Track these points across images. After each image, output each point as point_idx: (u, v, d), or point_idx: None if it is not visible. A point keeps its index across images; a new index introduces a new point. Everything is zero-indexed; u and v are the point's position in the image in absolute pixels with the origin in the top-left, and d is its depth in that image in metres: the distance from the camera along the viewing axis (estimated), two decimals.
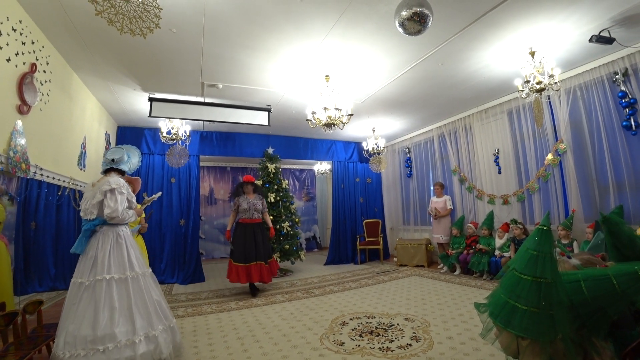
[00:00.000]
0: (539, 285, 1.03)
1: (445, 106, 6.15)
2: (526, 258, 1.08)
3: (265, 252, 5.09)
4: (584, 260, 1.34)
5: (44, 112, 3.52)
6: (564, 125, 4.82)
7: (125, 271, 2.49)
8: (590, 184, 4.60)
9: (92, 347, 2.16)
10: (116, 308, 2.34)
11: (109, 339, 2.22)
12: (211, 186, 9.90)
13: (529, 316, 1.02)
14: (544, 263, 1.04)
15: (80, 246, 2.46)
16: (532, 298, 1.03)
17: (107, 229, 2.56)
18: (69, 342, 2.14)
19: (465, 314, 3.69)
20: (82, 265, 2.45)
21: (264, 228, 5.26)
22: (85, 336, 2.17)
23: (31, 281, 3.57)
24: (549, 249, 1.05)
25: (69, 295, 2.37)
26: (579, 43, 3.94)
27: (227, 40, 3.67)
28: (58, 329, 2.31)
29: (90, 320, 2.24)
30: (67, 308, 2.33)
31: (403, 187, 8.48)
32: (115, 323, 2.29)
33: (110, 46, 3.70)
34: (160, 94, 5.07)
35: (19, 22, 2.97)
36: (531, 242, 1.10)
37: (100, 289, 2.34)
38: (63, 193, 4.02)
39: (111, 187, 2.54)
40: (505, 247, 5.36)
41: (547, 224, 1.10)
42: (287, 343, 3.09)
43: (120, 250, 2.54)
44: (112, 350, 2.21)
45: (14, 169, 2.88)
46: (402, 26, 3.00)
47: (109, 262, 2.44)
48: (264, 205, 5.28)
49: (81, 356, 2.13)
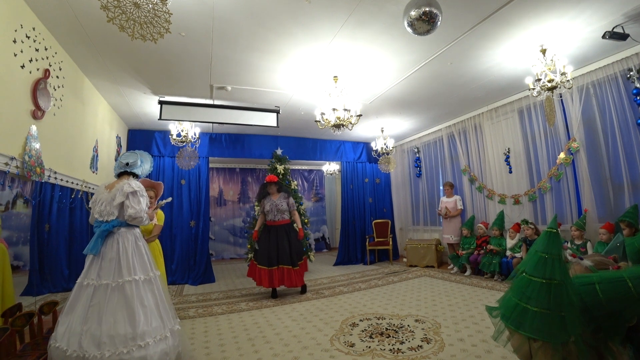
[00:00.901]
0: (549, 287, 1.02)
1: (455, 105, 6.09)
2: (535, 260, 1.08)
3: (293, 256, 4.89)
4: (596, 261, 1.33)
5: (58, 117, 3.59)
6: (576, 124, 4.74)
7: (149, 272, 2.58)
8: (604, 183, 4.51)
9: (133, 344, 2.25)
10: (147, 307, 2.43)
11: (148, 335, 2.32)
12: (220, 187, 9.97)
13: (540, 318, 1.02)
14: (553, 265, 1.04)
15: (95, 247, 2.47)
16: (542, 299, 1.03)
17: (126, 231, 2.59)
18: (105, 342, 2.20)
19: (476, 315, 3.65)
20: (98, 266, 2.44)
21: (291, 230, 5.06)
22: (125, 334, 2.25)
23: (46, 282, 3.64)
24: (558, 251, 1.05)
25: (82, 297, 2.36)
26: (592, 39, 3.87)
27: (236, 43, 3.70)
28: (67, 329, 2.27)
29: (126, 319, 2.32)
30: (84, 309, 2.31)
31: (412, 187, 8.43)
32: (149, 320, 2.39)
33: (121, 51, 3.75)
34: (170, 96, 5.12)
35: (33, 29, 3.02)
36: (540, 245, 1.10)
37: (131, 289, 2.40)
38: (76, 196, 4.08)
39: (134, 189, 2.59)
40: (517, 247, 5.29)
41: (554, 226, 1.10)
42: (298, 344, 3.10)
43: (140, 251, 2.62)
44: (151, 345, 2.31)
45: (29, 173, 2.94)
46: (411, 26, 2.98)
47: (133, 264, 2.50)
48: (290, 204, 5.08)
49: (124, 353, 2.20)
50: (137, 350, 2.24)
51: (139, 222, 2.61)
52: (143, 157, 2.91)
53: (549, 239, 1.08)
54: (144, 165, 2.88)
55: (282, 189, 5.18)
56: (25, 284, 3.39)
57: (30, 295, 3.31)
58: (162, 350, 2.35)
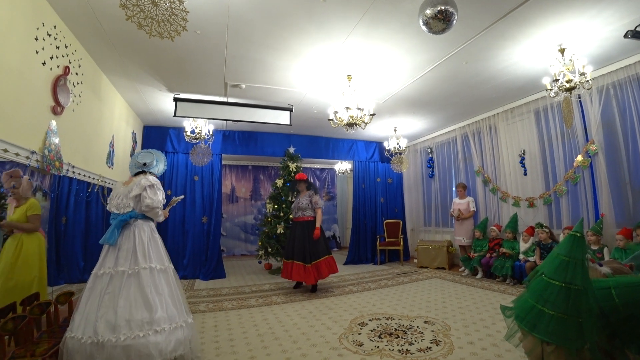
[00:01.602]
0: (568, 291, 1.01)
1: (469, 106, 6.01)
2: (556, 263, 1.07)
3: (308, 253, 4.91)
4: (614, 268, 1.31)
5: (76, 113, 3.68)
6: (595, 126, 4.62)
7: (164, 262, 2.64)
8: (622, 187, 4.39)
9: (149, 328, 2.29)
10: (162, 294, 2.49)
11: (164, 321, 2.36)
12: (233, 184, 10.07)
13: (556, 321, 1.01)
14: (575, 269, 1.02)
15: (112, 237, 2.54)
16: (560, 303, 1.01)
17: (142, 223, 2.68)
18: (120, 325, 2.23)
19: (487, 318, 3.61)
20: (115, 256, 2.51)
21: (310, 227, 5.09)
22: (141, 319, 2.29)
23: (62, 273, 3.74)
24: (581, 256, 1.03)
25: (98, 286, 2.41)
26: (613, 39, 3.77)
27: (250, 41, 3.72)
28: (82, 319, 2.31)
29: (142, 304, 2.36)
30: (100, 297, 2.36)
31: (425, 188, 8.36)
32: (164, 307, 2.44)
33: (138, 49, 3.82)
34: (185, 94, 5.20)
35: (54, 27, 3.11)
36: (562, 248, 1.08)
37: (146, 276, 2.46)
38: (92, 190, 4.18)
39: (151, 182, 2.71)
40: (530, 251, 5.19)
41: (580, 230, 1.08)
42: (307, 342, 3.11)
43: (156, 243, 2.70)
44: (167, 332, 2.35)
45: (49, 167, 3.02)
46: (427, 25, 2.95)
47: (149, 253, 2.58)
48: (313, 202, 5.16)
49: (140, 337, 2.23)
50: (154, 335, 2.28)
51: (155, 214, 2.71)
52: (158, 157, 3.01)
53: (573, 243, 1.06)
54: (159, 165, 2.98)
55: (310, 187, 5.35)
56: None
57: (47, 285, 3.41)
58: (177, 339, 2.39)
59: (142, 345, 2.21)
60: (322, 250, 5.04)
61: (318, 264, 4.93)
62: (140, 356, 2.19)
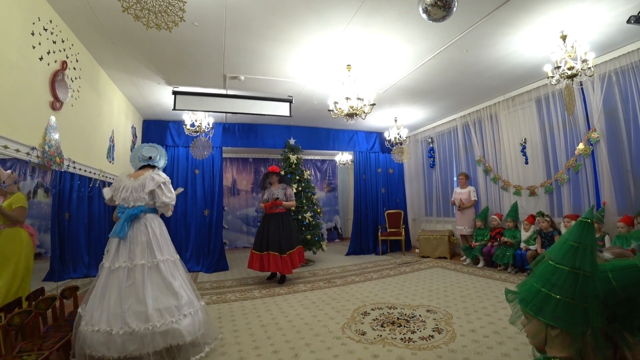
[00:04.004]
0: (576, 277, 1.02)
1: (470, 94, 5.97)
2: (565, 249, 1.08)
3: (283, 243, 5.06)
4: (615, 254, 1.31)
5: (75, 108, 3.66)
6: (597, 113, 4.58)
7: (174, 254, 2.81)
8: (624, 175, 4.38)
9: (179, 314, 2.51)
10: (181, 283, 2.70)
11: (187, 306, 2.60)
12: (234, 177, 10.07)
13: (563, 306, 1.02)
14: (584, 255, 1.03)
15: (122, 231, 2.58)
16: (568, 288, 1.03)
17: (153, 217, 2.80)
18: (152, 314, 2.40)
19: (488, 307, 3.64)
20: (127, 249, 2.59)
21: (285, 219, 5.24)
22: (170, 306, 2.50)
23: (67, 268, 3.77)
24: (590, 242, 1.04)
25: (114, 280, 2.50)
26: (616, 25, 3.72)
27: (249, 32, 3.69)
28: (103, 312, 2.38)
29: (168, 293, 2.56)
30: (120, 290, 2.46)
31: (426, 178, 8.35)
32: (185, 294, 2.64)
33: (135, 42, 3.79)
34: (184, 87, 5.17)
35: (50, 21, 3.07)
36: (572, 234, 1.09)
37: (166, 268, 2.64)
38: (94, 185, 4.19)
39: (165, 180, 2.84)
40: (531, 239, 5.21)
41: (590, 217, 1.09)
42: (310, 331, 3.15)
43: (165, 236, 2.82)
44: (192, 315, 2.60)
45: (49, 163, 3.02)
46: (426, 12, 2.92)
47: (162, 247, 2.72)
48: (287, 195, 5.27)
49: (173, 322, 2.45)
50: (183, 319, 2.50)
51: (167, 210, 2.85)
52: (161, 152, 3.09)
53: (582, 229, 1.07)
54: (161, 160, 3.06)
55: (282, 180, 5.43)
56: (47, 270, 3.52)
57: (52, 280, 3.45)
58: (200, 321, 2.65)
59: (176, 330, 2.44)
60: (296, 241, 5.27)
61: (292, 254, 5.13)
62: (175, 338, 2.44)
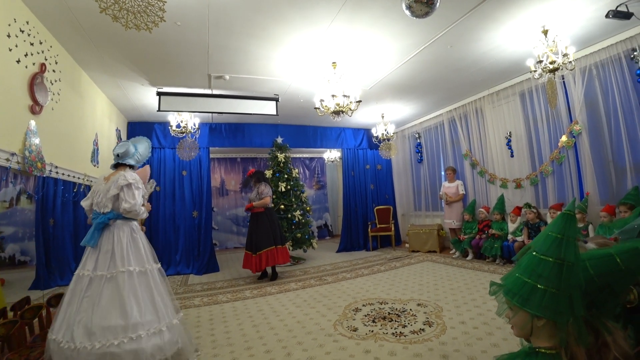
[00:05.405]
0: (560, 267, 1.05)
1: (456, 89, 6.03)
2: (549, 241, 1.11)
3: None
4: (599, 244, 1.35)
5: (56, 111, 3.58)
6: (578, 106, 4.68)
7: (144, 264, 2.53)
8: (606, 165, 4.49)
9: (124, 336, 2.21)
10: (140, 298, 2.39)
11: (140, 327, 2.27)
12: (222, 177, 9.99)
13: (549, 296, 1.05)
14: (568, 246, 1.07)
15: (93, 239, 2.46)
16: (552, 278, 1.06)
17: (122, 224, 2.58)
18: (95, 332, 2.17)
19: (478, 298, 3.69)
20: (95, 258, 2.44)
21: (262, 219, 5.32)
22: (116, 326, 2.22)
23: (53, 276, 3.69)
24: (573, 234, 1.08)
25: (78, 288, 2.35)
26: (595, 19, 3.79)
27: (232, 31, 3.65)
28: (64, 321, 2.27)
29: (118, 310, 2.28)
30: (79, 300, 2.30)
31: (414, 173, 8.42)
32: (142, 313, 2.34)
33: (116, 43, 3.71)
34: (168, 87, 5.09)
35: (26, 23, 2.99)
36: (555, 227, 1.12)
37: (124, 281, 2.37)
38: (78, 189, 4.11)
39: (128, 181, 2.55)
40: (518, 231, 5.30)
41: (572, 209, 1.13)
42: (302, 330, 3.15)
43: (136, 244, 2.58)
44: (144, 338, 2.26)
45: (31, 168, 2.95)
46: (409, 8, 2.93)
47: (128, 256, 2.48)
48: (259, 192, 5.39)
49: (114, 345, 2.16)
50: (129, 343, 2.21)
51: (134, 216, 2.59)
52: (137, 143, 2.82)
53: (565, 221, 1.10)
54: (138, 151, 2.79)
55: (259, 179, 5.57)
56: (33, 279, 3.44)
57: (38, 289, 3.37)
58: (156, 345, 2.30)
59: (115, 355, 2.16)
60: (266, 242, 5.21)
61: (267, 252, 5.20)
62: None
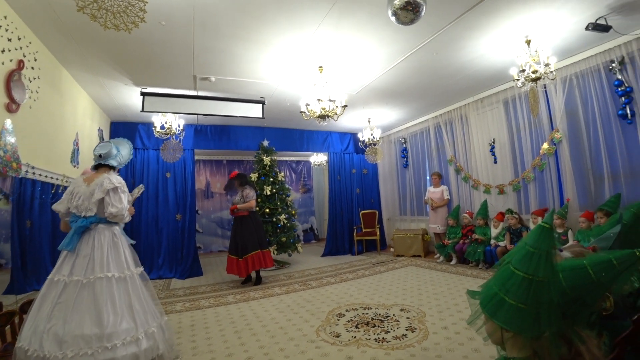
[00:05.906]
0: (530, 283, 1.04)
1: (441, 96, 6.10)
2: (522, 254, 1.09)
3: (246, 245, 5.13)
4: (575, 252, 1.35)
5: (34, 110, 3.47)
6: (559, 115, 4.80)
7: (124, 270, 2.46)
8: (585, 173, 4.60)
9: (99, 345, 2.13)
10: (117, 306, 2.31)
11: (116, 337, 2.19)
12: (207, 180, 9.87)
13: (515, 311, 1.04)
14: (539, 261, 1.04)
15: (71, 243, 2.37)
16: (520, 294, 1.04)
17: (104, 228, 2.50)
18: (67, 341, 2.08)
19: (460, 303, 3.72)
20: (71, 262, 2.35)
21: (244, 221, 5.30)
22: (90, 335, 2.13)
23: (29, 280, 3.56)
24: (547, 247, 1.05)
25: (51, 293, 2.26)
26: (576, 31, 3.90)
27: (218, 32, 3.61)
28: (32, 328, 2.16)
29: (94, 318, 2.20)
30: (51, 306, 2.21)
31: (399, 178, 8.48)
32: (119, 321, 2.26)
33: (99, 41, 3.63)
34: (153, 88, 5.01)
35: (4, 17, 2.89)
36: (530, 238, 1.10)
37: (101, 287, 2.29)
38: (57, 191, 3.98)
39: (114, 185, 2.48)
40: (501, 236, 5.39)
41: (549, 221, 1.09)
42: (284, 335, 3.12)
43: (117, 249, 2.51)
44: (119, 348, 2.18)
45: (5, 169, 2.85)
46: (395, 15, 2.94)
47: (107, 261, 2.40)
48: (243, 196, 5.38)
49: (88, 355, 2.07)
50: (103, 352, 2.12)
51: (119, 220, 2.53)
52: (119, 145, 2.74)
53: (540, 234, 1.08)
54: (120, 153, 2.72)
55: (242, 182, 5.53)
56: (7, 282, 3.31)
57: (12, 293, 3.24)
58: (132, 354, 2.22)
59: None
60: (251, 245, 5.18)
61: (252, 256, 5.17)
62: None
